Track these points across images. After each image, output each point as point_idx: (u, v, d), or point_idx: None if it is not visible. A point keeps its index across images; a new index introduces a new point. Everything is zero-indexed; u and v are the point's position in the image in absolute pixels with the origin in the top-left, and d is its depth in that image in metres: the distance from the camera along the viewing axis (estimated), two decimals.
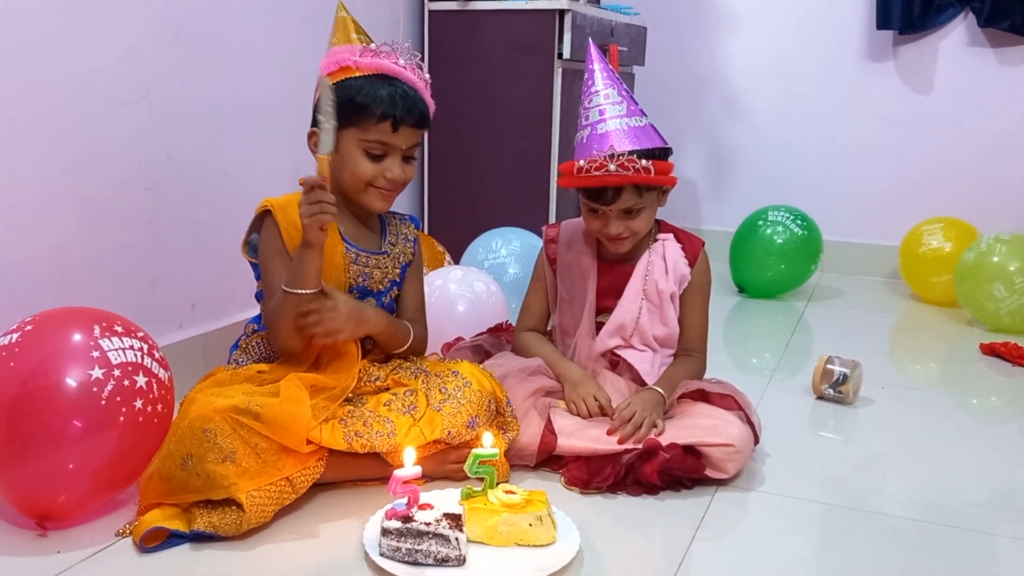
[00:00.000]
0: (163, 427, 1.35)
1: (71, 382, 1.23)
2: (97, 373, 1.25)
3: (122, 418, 1.26)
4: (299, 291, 1.41)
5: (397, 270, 1.62)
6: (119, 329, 1.32)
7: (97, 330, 1.29)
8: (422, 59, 1.54)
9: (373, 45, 1.52)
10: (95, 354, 1.26)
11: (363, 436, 1.38)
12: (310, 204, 1.37)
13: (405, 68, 1.52)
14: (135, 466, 1.33)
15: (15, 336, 1.27)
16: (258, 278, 1.56)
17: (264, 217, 1.51)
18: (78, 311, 1.36)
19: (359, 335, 1.51)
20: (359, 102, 1.47)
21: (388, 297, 1.62)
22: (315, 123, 1.51)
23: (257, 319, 1.60)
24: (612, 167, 1.57)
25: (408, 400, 1.47)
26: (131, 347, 1.31)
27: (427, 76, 1.56)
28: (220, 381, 1.47)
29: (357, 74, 1.49)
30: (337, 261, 1.52)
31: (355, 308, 1.49)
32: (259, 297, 1.58)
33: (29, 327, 1.29)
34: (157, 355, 1.36)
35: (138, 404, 1.28)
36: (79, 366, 1.24)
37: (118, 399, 1.26)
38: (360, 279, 1.56)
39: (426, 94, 1.55)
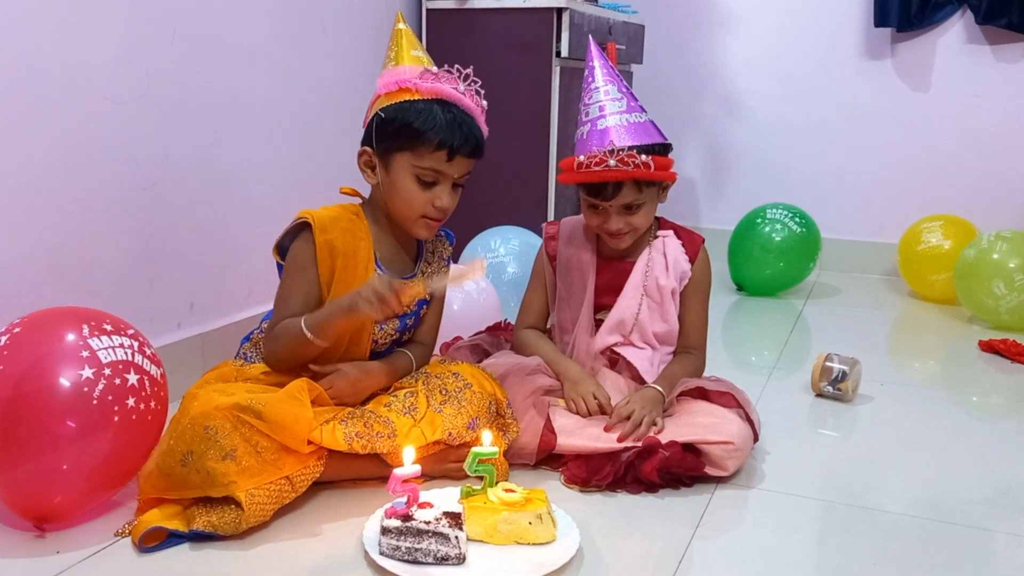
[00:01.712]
0: (157, 424, 1.34)
1: (62, 383, 1.22)
2: (87, 373, 1.24)
3: (115, 417, 1.25)
4: (314, 340, 1.41)
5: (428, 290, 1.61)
6: (108, 328, 1.31)
7: (86, 329, 1.28)
8: (480, 86, 1.52)
9: (434, 68, 1.49)
10: (84, 354, 1.25)
11: (363, 437, 1.38)
12: (379, 302, 1.35)
13: (464, 94, 1.49)
14: (131, 465, 1.32)
15: (3, 339, 1.26)
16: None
17: (302, 228, 1.49)
18: (66, 311, 1.35)
19: (364, 396, 1.51)
20: (416, 127, 1.44)
21: (413, 320, 1.61)
22: (367, 142, 1.51)
23: (271, 315, 1.58)
24: (612, 162, 1.57)
25: (408, 401, 1.47)
26: (121, 345, 1.30)
27: (484, 103, 1.53)
28: (225, 376, 1.47)
29: (416, 97, 1.47)
30: None
31: (356, 376, 1.49)
32: None
33: (17, 329, 1.28)
34: (148, 352, 1.35)
35: (130, 402, 1.27)
36: (69, 367, 1.23)
37: (110, 398, 1.25)
38: None
39: (481, 120, 1.52)
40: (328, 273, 1.48)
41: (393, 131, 1.46)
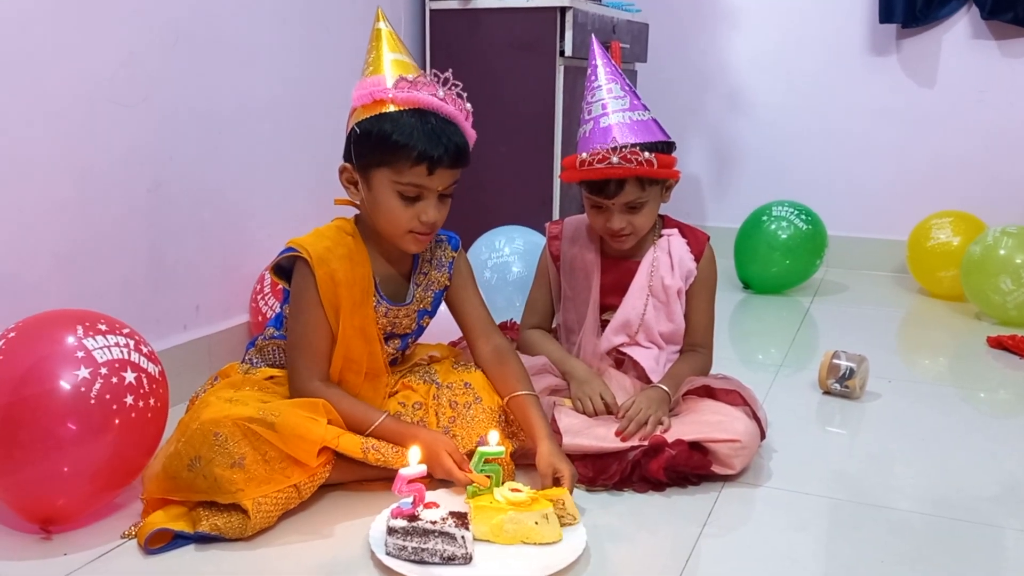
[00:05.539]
0: (158, 422, 1.34)
1: (60, 385, 1.22)
2: (84, 373, 1.23)
3: (114, 416, 1.25)
4: (371, 433, 1.40)
5: (429, 298, 1.56)
6: (103, 327, 1.31)
7: (80, 330, 1.27)
8: (461, 89, 1.44)
9: (410, 76, 1.41)
10: (80, 354, 1.25)
11: (379, 450, 1.37)
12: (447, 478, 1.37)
13: (444, 100, 1.40)
14: (133, 464, 1.32)
15: None
16: (285, 302, 1.53)
17: (297, 261, 1.44)
18: (60, 313, 1.35)
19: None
20: (393, 142, 1.36)
21: (414, 339, 1.61)
22: (347, 158, 1.45)
23: (276, 322, 1.57)
24: (615, 159, 1.57)
25: (417, 415, 1.48)
26: (116, 344, 1.29)
27: (468, 106, 1.44)
28: (234, 383, 1.45)
29: (392, 108, 1.39)
30: (370, 314, 1.48)
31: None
32: (278, 324, 1.56)
33: (12, 334, 1.28)
34: (145, 350, 1.35)
35: (129, 400, 1.27)
36: (65, 368, 1.23)
37: (108, 397, 1.25)
38: (389, 327, 1.53)
39: (466, 126, 1.44)
40: (333, 304, 1.44)
41: (370, 146, 1.39)
